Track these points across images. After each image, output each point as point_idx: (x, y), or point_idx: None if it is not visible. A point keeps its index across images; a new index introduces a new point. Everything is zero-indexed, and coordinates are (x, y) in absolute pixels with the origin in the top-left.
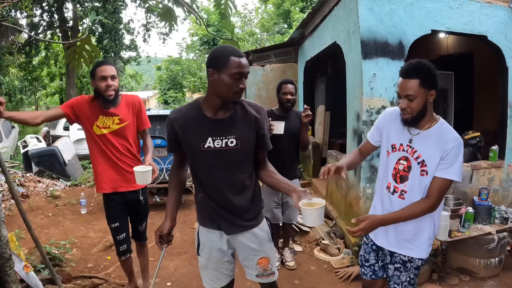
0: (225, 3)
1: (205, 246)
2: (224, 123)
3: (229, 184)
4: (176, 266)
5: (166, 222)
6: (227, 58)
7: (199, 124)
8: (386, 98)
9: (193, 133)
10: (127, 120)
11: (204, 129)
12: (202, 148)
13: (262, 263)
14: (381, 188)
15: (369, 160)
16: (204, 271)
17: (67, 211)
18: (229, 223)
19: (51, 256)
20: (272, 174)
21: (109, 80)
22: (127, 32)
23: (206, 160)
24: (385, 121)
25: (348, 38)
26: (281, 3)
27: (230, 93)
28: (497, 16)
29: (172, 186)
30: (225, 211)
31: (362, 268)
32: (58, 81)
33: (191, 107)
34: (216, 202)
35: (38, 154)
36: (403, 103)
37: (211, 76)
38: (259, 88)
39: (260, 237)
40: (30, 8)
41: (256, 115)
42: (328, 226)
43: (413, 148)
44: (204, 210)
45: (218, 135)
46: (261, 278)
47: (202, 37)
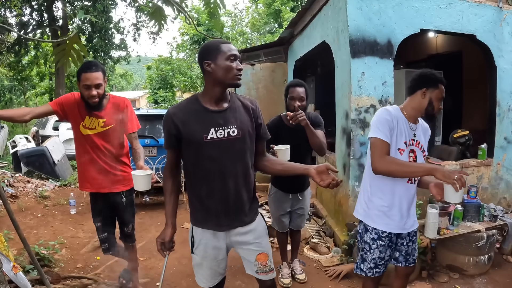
0: (214, 2)
1: (200, 244)
2: (225, 113)
3: (233, 175)
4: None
5: (167, 229)
6: (217, 46)
7: (200, 116)
8: (375, 96)
9: (194, 125)
10: (112, 123)
11: (206, 121)
12: (205, 140)
13: (261, 259)
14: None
15: (357, 159)
16: (198, 269)
17: (56, 211)
18: (230, 218)
19: (40, 256)
20: (279, 161)
21: (93, 90)
22: (117, 31)
23: (210, 152)
24: (393, 121)
25: (337, 37)
26: (271, 2)
27: (230, 76)
28: (486, 15)
29: (168, 191)
30: (227, 204)
31: (376, 268)
32: (47, 81)
33: (190, 101)
34: (219, 196)
35: (28, 154)
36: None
37: (209, 67)
38: (249, 88)
39: (258, 232)
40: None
41: (252, 106)
42: (318, 224)
43: (417, 140)
44: (201, 209)
45: (220, 126)
46: (261, 275)
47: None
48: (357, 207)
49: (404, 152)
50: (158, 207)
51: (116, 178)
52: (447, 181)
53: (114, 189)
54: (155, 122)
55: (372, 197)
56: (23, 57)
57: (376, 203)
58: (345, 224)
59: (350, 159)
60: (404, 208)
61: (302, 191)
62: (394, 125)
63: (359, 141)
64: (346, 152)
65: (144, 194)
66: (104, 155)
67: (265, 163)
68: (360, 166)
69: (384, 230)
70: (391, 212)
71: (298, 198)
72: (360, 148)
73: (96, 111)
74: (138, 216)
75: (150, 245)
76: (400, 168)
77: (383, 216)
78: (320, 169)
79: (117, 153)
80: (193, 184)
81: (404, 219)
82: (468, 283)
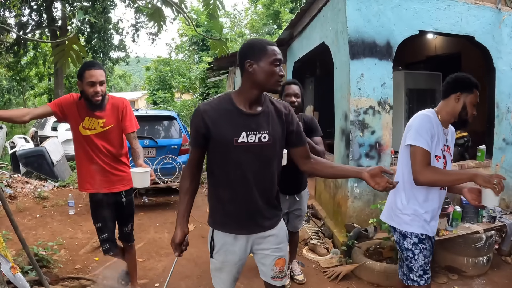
0: (214, 4)
1: (221, 249)
2: (258, 118)
3: (259, 182)
4: (165, 267)
5: (178, 231)
6: (264, 47)
7: (232, 118)
8: (374, 98)
9: (226, 126)
10: (111, 123)
11: (238, 123)
12: (235, 143)
13: (280, 263)
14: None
15: (356, 160)
16: (217, 273)
17: (55, 212)
18: (252, 223)
19: (39, 257)
20: (329, 164)
21: (97, 86)
22: (116, 32)
23: (238, 156)
24: (434, 128)
25: (336, 38)
26: (270, 3)
27: (271, 81)
28: (485, 17)
29: (184, 191)
30: (250, 210)
31: (426, 274)
32: (46, 81)
33: (223, 100)
34: (243, 201)
35: (26, 155)
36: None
37: (250, 67)
38: None
39: (280, 237)
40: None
41: (284, 111)
42: (317, 226)
43: (448, 145)
44: (222, 212)
45: (252, 130)
46: (276, 280)
47: (191, 37)
48: (389, 214)
49: (440, 159)
50: (157, 208)
51: (116, 178)
52: (487, 186)
53: (114, 189)
54: (154, 123)
55: (407, 203)
56: (22, 57)
57: (410, 208)
58: (344, 225)
59: (349, 160)
60: (435, 213)
61: (299, 192)
62: (435, 132)
63: (358, 142)
64: (345, 153)
65: (143, 195)
66: (104, 155)
67: (315, 166)
68: (359, 167)
69: (422, 233)
70: (426, 216)
71: (295, 199)
72: (359, 149)
73: (96, 111)
74: (136, 217)
75: (149, 246)
76: (443, 178)
77: (418, 219)
78: (374, 171)
79: (116, 153)
80: (216, 186)
81: (435, 223)
82: (466, 284)
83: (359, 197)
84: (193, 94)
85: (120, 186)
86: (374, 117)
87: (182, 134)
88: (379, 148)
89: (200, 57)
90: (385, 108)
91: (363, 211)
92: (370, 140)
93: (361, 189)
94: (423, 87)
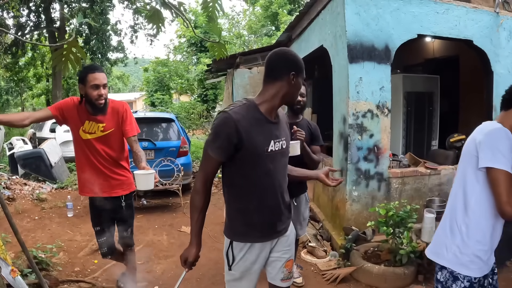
0: (213, 6)
1: (241, 260)
2: (278, 125)
3: (282, 187)
4: (164, 270)
5: (192, 249)
6: (302, 66)
7: (262, 126)
8: (372, 101)
9: (258, 136)
10: (111, 127)
11: (267, 132)
12: (266, 152)
13: (289, 265)
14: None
15: (355, 163)
16: (237, 283)
17: (53, 214)
18: (273, 230)
19: (38, 260)
20: (293, 168)
21: (101, 89)
22: (115, 33)
23: (268, 165)
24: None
25: (334, 42)
26: (269, 5)
27: (295, 99)
28: (483, 20)
29: (197, 209)
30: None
31: None
32: (44, 82)
33: (250, 108)
34: (271, 208)
35: (24, 157)
36: None
37: (294, 79)
38: (246, 91)
39: (290, 239)
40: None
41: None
42: (315, 228)
43: None
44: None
45: (277, 138)
46: (285, 282)
47: (189, 38)
48: (441, 251)
49: None
50: (156, 210)
51: (116, 182)
52: None
53: (114, 193)
54: (153, 125)
55: (469, 240)
56: (20, 58)
57: (473, 247)
58: (342, 228)
59: (348, 164)
60: (495, 246)
61: (297, 196)
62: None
63: (356, 146)
64: (343, 157)
65: (141, 197)
66: (104, 160)
67: None
68: (357, 170)
69: (477, 276)
70: (487, 255)
71: (293, 204)
72: (358, 152)
73: (96, 115)
74: (136, 220)
75: (148, 248)
76: None
77: (479, 261)
78: (326, 171)
79: (117, 157)
80: (239, 197)
81: (493, 258)
82: None
83: (358, 200)
84: (191, 95)
85: (120, 190)
86: (373, 121)
87: (181, 136)
88: (377, 151)
89: (198, 58)
90: (383, 112)
91: (362, 214)
92: (369, 144)
93: (360, 192)
94: (421, 90)
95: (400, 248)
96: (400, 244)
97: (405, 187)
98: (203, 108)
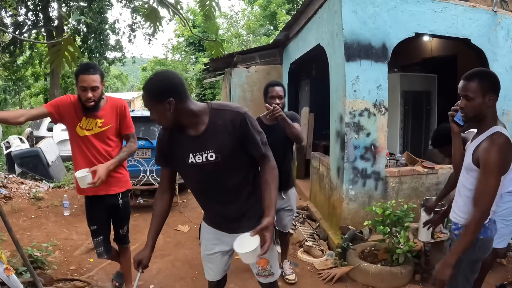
0: (210, 5)
1: (203, 238)
2: (201, 138)
3: (215, 197)
4: (159, 269)
5: (145, 250)
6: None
7: (181, 141)
8: (369, 100)
9: (177, 149)
10: (110, 123)
11: (185, 145)
12: (188, 163)
13: (261, 263)
14: None
15: (352, 162)
16: (203, 261)
17: (50, 213)
18: (226, 227)
19: (33, 258)
20: (263, 185)
21: (88, 92)
22: (113, 32)
23: (194, 175)
24: None
25: (331, 40)
26: (267, 5)
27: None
28: (481, 19)
29: (157, 214)
30: (219, 217)
31: None
32: (42, 81)
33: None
34: (209, 210)
35: (21, 155)
36: None
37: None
38: (244, 90)
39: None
40: (14, 7)
41: (234, 122)
42: (312, 227)
43: None
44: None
45: (198, 151)
46: (260, 278)
47: (187, 38)
48: None
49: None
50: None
51: (112, 179)
52: None
53: (111, 191)
54: (150, 124)
55: None
56: (18, 57)
57: None
58: (339, 227)
59: (344, 162)
60: None
61: (285, 190)
62: None
63: (353, 145)
64: (340, 156)
65: (138, 196)
66: (101, 156)
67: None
68: (354, 169)
69: None
70: None
71: (281, 197)
72: (355, 151)
73: (94, 112)
74: (132, 218)
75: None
76: None
77: None
78: (260, 231)
79: (114, 154)
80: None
81: None
82: None
83: (354, 199)
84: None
85: (117, 188)
86: (370, 119)
87: None
88: (374, 150)
89: (197, 58)
90: (380, 110)
91: (358, 213)
92: (366, 142)
93: (356, 191)
94: (419, 89)
95: (397, 247)
96: (397, 244)
97: (402, 186)
98: None
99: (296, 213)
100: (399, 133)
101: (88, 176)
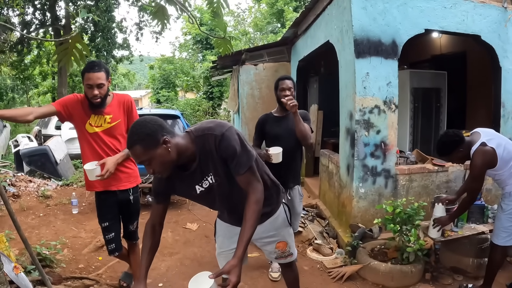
0: (218, 2)
1: (219, 235)
2: (196, 171)
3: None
4: (168, 267)
5: (138, 286)
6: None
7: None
8: (379, 97)
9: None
10: (118, 118)
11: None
12: (197, 194)
13: (280, 246)
14: None
15: (362, 159)
16: (218, 257)
17: (58, 211)
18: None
19: (42, 257)
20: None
21: (94, 90)
22: (120, 31)
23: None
24: None
25: (341, 37)
26: (274, 2)
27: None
28: (491, 15)
29: (148, 249)
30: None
31: None
32: (50, 80)
33: None
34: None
35: (30, 154)
36: None
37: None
38: (252, 87)
39: (276, 225)
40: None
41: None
42: (321, 225)
43: None
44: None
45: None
46: (280, 260)
47: (195, 36)
48: None
49: None
50: None
51: (123, 175)
52: None
53: (122, 186)
54: None
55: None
56: (25, 56)
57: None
58: (348, 225)
59: (354, 160)
60: None
61: (291, 187)
62: None
63: (363, 142)
64: (350, 153)
65: (146, 194)
66: (112, 152)
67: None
68: (364, 167)
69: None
70: None
71: (286, 197)
72: (364, 149)
73: (102, 108)
74: (140, 216)
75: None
76: None
77: None
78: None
79: (123, 149)
80: None
81: None
82: None
83: (364, 197)
84: (196, 92)
85: (127, 183)
86: (380, 117)
87: None
88: (384, 147)
89: (204, 55)
90: (390, 108)
91: (368, 211)
92: (376, 140)
93: (366, 189)
94: (428, 86)
95: (407, 245)
96: (407, 242)
97: (412, 184)
98: (209, 105)
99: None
100: (408, 130)
101: (97, 169)
